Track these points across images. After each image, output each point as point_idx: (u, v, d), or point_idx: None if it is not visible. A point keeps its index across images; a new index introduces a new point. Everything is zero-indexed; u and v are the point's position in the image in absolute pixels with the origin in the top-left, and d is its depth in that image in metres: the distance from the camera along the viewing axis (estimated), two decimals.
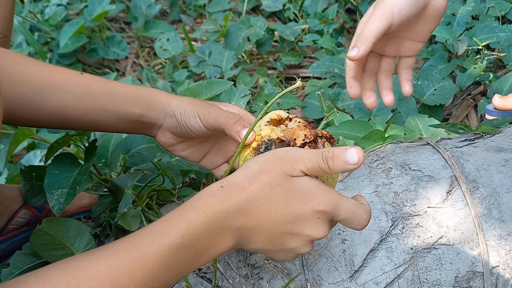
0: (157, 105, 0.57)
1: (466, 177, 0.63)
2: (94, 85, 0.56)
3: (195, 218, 0.41)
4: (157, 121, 0.57)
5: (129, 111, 0.56)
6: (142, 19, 1.52)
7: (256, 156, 0.46)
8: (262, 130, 0.50)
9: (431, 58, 1.18)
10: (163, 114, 0.57)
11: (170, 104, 0.57)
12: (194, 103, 0.56)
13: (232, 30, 1.34)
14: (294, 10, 1.56)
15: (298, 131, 0.49)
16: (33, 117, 0.55)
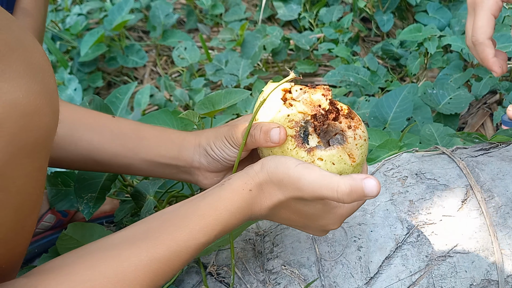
0: (187, 147, 0.56)
1: (481, 186, 0.64)
2: (124, 128, 0.56)
3: (228, 220, 0.45)
4: (193, 164, 0.56)
5: (162, 154, 0.56)
6: (160, 28, 1.56)
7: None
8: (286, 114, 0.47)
9: (447, 67, 1.18)
10: (197, 156, 0.56)
11: (199, 143, 0.56)
12: (219, 133, 0.55)
13: (248, 39, 1.36)
14: (310, 19, 1.57)
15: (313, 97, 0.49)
16: (63, 157, 0.55)
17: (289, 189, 0.45)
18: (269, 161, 0.46)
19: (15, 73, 0.33)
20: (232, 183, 0.46)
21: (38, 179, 0.39)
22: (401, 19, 1.53)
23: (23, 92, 0.34)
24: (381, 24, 1.41)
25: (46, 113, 0.36)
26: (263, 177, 0.46)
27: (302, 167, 0.44)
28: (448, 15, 1.32)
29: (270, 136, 0.47)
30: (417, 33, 1.23)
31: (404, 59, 1.32)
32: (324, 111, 0.48)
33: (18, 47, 0.34)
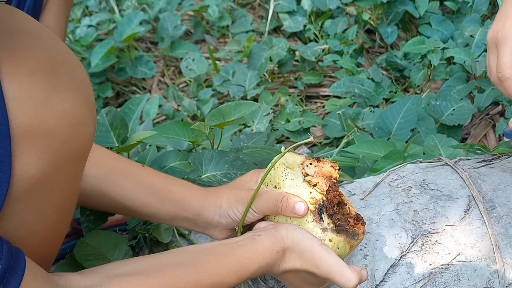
0: (209, 207, 0.60)
1: (483, 196, 0.66)
2: (154, 179, 0.60)
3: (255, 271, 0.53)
4: (212, 222, 0.60)
5: (185, 209, 0.60)
6: (168, 39, 1.59)
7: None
8: (309, 191, 0.56)
9: (450, 79, 1.21)
10: (217, 216, 0.60)
11: (221, 206, 0.60)
12: (240, 198, 0.59)
13: (255, 50, 1.40)
14: (315, 30, 1.61)
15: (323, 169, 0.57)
16: (98, 200, 0.58)
17: (308, 262, 0.52)
18: (294, 231, 0.54)
19: (64, 86, 0.37)
20: (264, 240, 0.53)
21: (77, 183, 0.43)
22: (404, 31, 1.56)
23: (71, 104, 0.37)
24: (385, 36, 1.43)
25: (89, 123, 0.40)
26: (288, 244, 0.53)
27: (324, 249, 0.52)
28: (451, 28, 1.35)
29: (296, 208, 0.55)
30: (420, 45, 1.26)
31: (407, 71, 1.34)
32: (337, 201, 0.56)
33: (64, 63, 0.38)
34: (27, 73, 0.35)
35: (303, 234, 0.53)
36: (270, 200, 0.56)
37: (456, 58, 1.21)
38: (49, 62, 0.36)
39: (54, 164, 0.37)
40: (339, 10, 1.66)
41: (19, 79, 0.34)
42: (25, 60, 0.35)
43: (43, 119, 0.36)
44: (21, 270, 0.36)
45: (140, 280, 0.45)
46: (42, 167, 0.37)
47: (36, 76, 0.35)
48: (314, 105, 1.41)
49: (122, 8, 1.85)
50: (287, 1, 1.70)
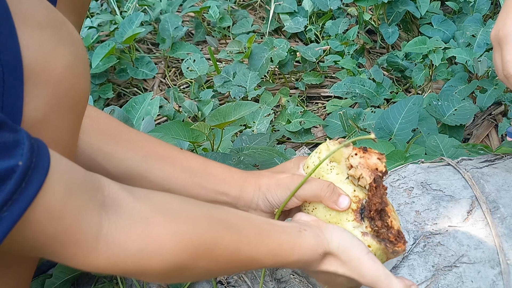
0: (248, 189, 0.59)
1: (486, 197, 0.66)
2: (193, 161, 0.59)
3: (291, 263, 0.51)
4: (251, 205, 0.59)
5: (225, 192, 0.59)
6: (169, 40, 1.59)
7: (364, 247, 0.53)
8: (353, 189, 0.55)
9: (452, 79, 1.20)
10: (256, 198, 0.59)
11: (260, 188, 0.59)
12: (281, 182, 0.58)
13: (255, 51, 1.39)
14: (316, 31, 1.60)
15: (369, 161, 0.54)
16: (138, 183, 0.57)
17: (352, 270, 0.52)
18: (341, 237, 0.53)
19: (67, 41, 0.40)
20: (308, 238, 0.52)
21: (75, 138, 0.45)
22: (406, 31, 1.55)
23: (73, 57, 0.40)
24: (386, 36, 1.43)
25: (85, 78, 0.43)
26: (332, 249, 0.52)
27: (371, 259, 0.52)
28: (453, 27, 1.34)
29: (339, 200, 0.54)
30: (422, 45, 1.25)
31: (409, 71, 1.34)
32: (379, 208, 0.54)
33: (64, 23, 0.41)
34: (37, 25, 0.38)
35: (350, 242, 0.52)
36: (315, 185, 0.55)
37: (458, 58, 1.20)
38: (53, 20, 0.40)
39: (58, 112, 0.40)
40: (340, 10, 1.66)
41: (31, 30, 0.37)
42: (34, 15, 0.38)
43: (52, 67, 0.39)
44: (45, 168, 0.35)
45: (186, 226, 0.44)
46: (47, 113, 0.39)
47: (44, 29, 0.39)
48: (315, 106, 1.40)
49: (123, 9, 1.85)
50: (288, 2, 1.69)
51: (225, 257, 0.46)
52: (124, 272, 0.42)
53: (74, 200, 0.38)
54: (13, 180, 0.33)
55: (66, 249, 0.38)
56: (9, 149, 0.34)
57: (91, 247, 0.39)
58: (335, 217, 0.54)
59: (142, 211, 0.42)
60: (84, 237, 0.38)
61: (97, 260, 0.39)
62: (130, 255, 0.40)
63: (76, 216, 0.38)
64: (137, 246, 0.41)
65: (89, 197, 0.39)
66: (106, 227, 0.39)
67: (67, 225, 0.37)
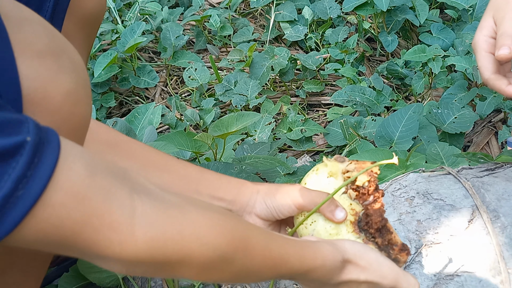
0: (245, 192, 0.59)
1: (487, 206, 0.66)
2: (189, 169, 0.60)
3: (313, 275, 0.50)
4: (246, 208, 0.59)
5: (221, 196, 0.59)
6: (171, 49, 1.60)
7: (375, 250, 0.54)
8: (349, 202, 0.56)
9: (451, 87, 1.21)
10: (252, 201, 0.59)
11: (259, 191, 0.59)
12: (282, 188, 0.59)
13: (256, 60, 1.40)
14: (316, 39, 1.61)
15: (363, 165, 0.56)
16: None
17: (373, 273, 0.51)
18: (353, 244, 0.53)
19: (67, 69, 0.40)
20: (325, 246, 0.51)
21: None
22: (405, 39, 1.56)
23: (73, 84, 0.40)
24: (386, 44, 1.44)
25: (87, 103, 0.43)
26: (350, 256, 0.51)
27: (388, 260, 0.52)
28: (452, 36, 1.35)
29: (336, 211, 0.55)
30: (421, 54, 1.27)
31: (409, 79, 1.35)
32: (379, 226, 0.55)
33: (65, 49, 0.41)
34: (37, 54, 0.38)
35: (363, 248, 0.53)
36: (314, 194, 0.55)
37: (457, 66, 1.21)
38: (53, 47, 0.40)
39: None
40: (340, 19, 1.68)
41: (30, 59, 0.37)
42: (34, 43, 0.39)
43: (52, 96, 0.39)
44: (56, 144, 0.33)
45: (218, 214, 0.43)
46: None
47: (44, 57, 0.39)
48: (316, 114, 1.41)
49: (125, 19, 1.86)
50: (288, 11, 1.71)
51: (258, 252, 0.45)
52: (164, 260, 0.38)
53: (99, 181, 0.35)
54: (24, 155, 0.31)
55: (99, 235, 0.34)
56: (14, 126, 0.32)
57: (127, 231, 0.35)
58: (335, 229, 0.55)
59: (172, 199, 0.41)
60: (118, 220, 0.35)
61: (136, 245, 0.36)
62: (169, 238, 0.38)
63: (104, 198, 0.35)
64: (175, 228, 0.38)
65: (116, 180, 0.37)
66: (141, 208, 0.37)
67: (95, 208, 0.34)
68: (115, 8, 1.85)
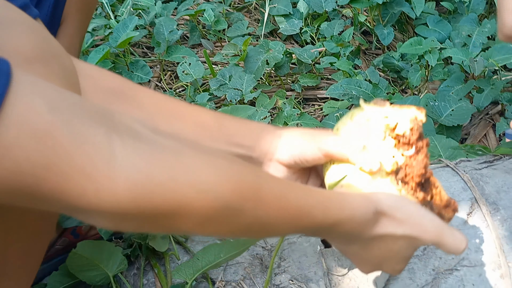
0: (266, 137, 0.53)
1: (486, 199, 0.65)
2: (206, 116, 0.54)
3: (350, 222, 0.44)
4: (267, 154, 0.53)
5: (238, 142, 0.53)
6: (164, 44, 1.58)
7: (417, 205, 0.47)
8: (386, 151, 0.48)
9: (448, 79, 1.20)
10: (274, 146, 0.53)
11: (281, 135, 0.53)
12: (309, 134, 0.53)
13: (251, 54, 1.38)
14: (311, 33, 1.60)
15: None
16: None
17: (413, 227, 0.45)
18: (388, 196, 0.46)
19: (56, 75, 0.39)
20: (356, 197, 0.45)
21: None
22: (401, 32, 1.55)
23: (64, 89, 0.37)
24: (382, 37, 1.42)
25: None
26: (385, 208, 0.45)
27: (429, 212, 0.46)
28: (448, 28, 1.34)
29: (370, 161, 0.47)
30: (417, 46, 1.25)
31: (405, 72, 1.33)
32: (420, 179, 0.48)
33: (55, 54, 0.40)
34: (25, 61, 0.37)
35: (400, 200, 0.46)
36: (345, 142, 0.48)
37: (454, 58, 1.20)
38: (43, 53, 0.38)
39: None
40: (335, 12, 1.66)
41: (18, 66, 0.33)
42: (22, 50, 0.37)
43: None
44: (4, 73, 0.29)
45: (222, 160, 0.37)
46: None
47: (33, 64, 0.37)
48: (312, 108, 1.39)
49: (118, 14, 1.84)
50: (283, 4, 1.69)
51: (273, 202, 0.39)
52: (153, 211, 0.32)
53: (66, 118, 0.29)
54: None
55: (69, 182, 0.29)
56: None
57: (104, 176, 0.30)
58: (369, 180, 0.47)
59: (166, 143, 0.34)
60: (91, 163, 0.29)
61: (116, 193, 0.30)
62: (158, 183, 0.31)
63: (72, 137, 0.29)
64: (166, 173, 0.32)
65: (91, 119, 0.31)
66: (121, 150, 0.31)
67: (60, 149, 0.29)
68: (108, 3, 1.82)
